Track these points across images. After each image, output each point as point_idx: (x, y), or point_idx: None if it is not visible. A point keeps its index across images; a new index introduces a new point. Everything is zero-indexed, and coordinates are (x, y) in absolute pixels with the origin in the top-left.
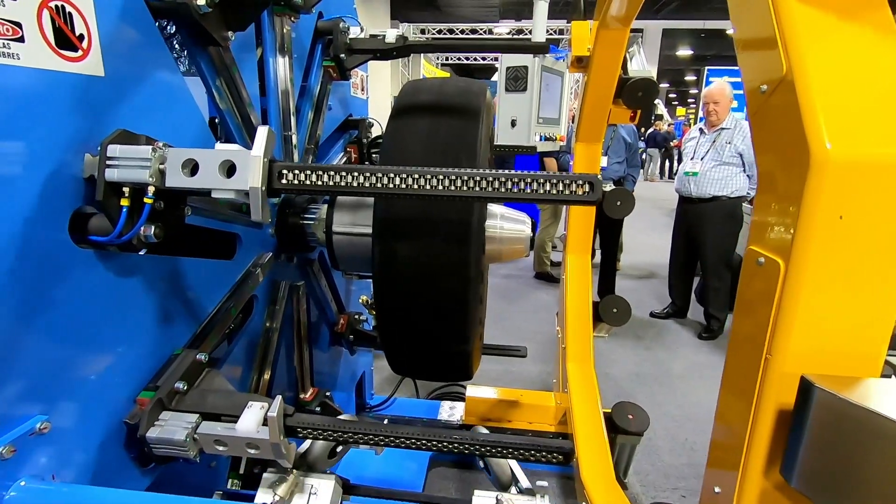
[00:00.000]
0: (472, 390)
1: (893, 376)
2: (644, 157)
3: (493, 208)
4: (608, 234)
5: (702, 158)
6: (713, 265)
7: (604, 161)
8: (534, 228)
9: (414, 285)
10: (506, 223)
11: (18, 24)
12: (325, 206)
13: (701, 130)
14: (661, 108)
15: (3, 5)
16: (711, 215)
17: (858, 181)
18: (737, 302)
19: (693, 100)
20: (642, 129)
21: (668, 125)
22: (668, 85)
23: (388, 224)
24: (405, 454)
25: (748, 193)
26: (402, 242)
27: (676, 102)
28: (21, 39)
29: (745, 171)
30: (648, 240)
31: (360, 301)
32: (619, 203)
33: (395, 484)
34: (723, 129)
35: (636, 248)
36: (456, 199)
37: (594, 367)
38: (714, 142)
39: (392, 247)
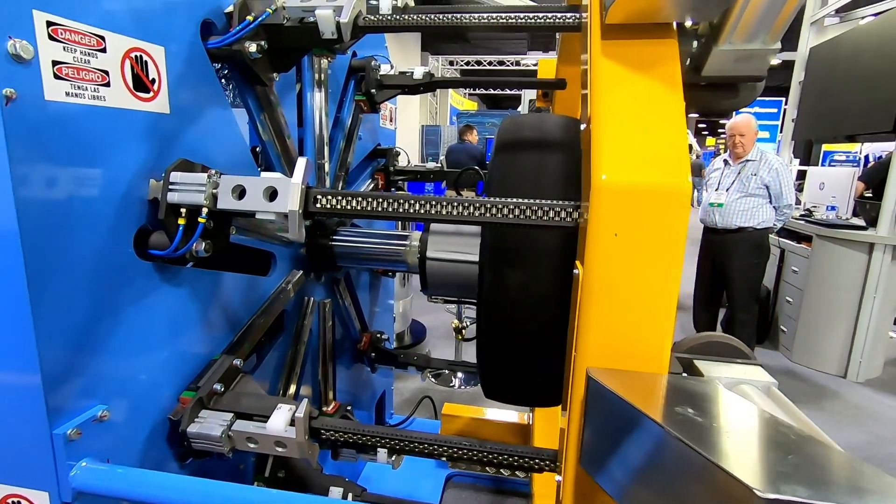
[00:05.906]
0: (448, 409)
1: (685, 374)
2: None
3: None
4: None
5: (727, 189)
6: (741, 297)
7: None
8: None
9: (522, 311)
10: None
11: (106, 72)
12: (400, 234)
13: (725, 161)
14: (690, 138)
15: (96, 57)
16: (738, 246)
17: (626, 205)
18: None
19: (723, 130)
20: None
21: (697, 156)
22: (697, 115)
23: (500, 252)
24: (422, 472)
25: (774, 225)
26: (512, 270)
27: (706, 132)
28: (108, 84)
29: (771, 202)
30: None
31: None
32: None
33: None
34: (748, 160)
35: None
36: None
37: None
38: (739, 173)
39: (503, 274)
